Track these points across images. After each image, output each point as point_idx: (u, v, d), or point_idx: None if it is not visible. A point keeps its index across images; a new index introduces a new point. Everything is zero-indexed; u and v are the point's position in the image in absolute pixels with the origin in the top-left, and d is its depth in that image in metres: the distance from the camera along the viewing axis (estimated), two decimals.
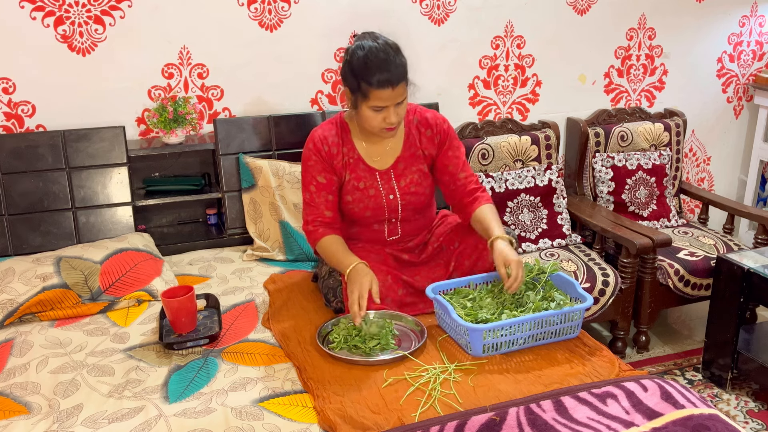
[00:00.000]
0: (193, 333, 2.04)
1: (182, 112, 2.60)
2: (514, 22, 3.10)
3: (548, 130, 3.14)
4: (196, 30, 2.67)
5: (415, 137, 2.21)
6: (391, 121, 2.04)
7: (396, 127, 2.09)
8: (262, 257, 2.63)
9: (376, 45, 2.02)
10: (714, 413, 1.62)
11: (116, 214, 2.59)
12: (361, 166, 2.18)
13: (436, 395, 1.71)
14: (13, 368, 1.92)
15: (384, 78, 1.97)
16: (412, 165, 2.21)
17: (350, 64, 2.04)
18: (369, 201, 2.18)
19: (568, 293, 2.05)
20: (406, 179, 2.20)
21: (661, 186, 3.17)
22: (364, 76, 1.99)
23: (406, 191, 2.20)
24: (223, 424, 1.64)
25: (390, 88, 1.98)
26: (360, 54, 2.01)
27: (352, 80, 2.03)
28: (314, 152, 2.15)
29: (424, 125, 2.22)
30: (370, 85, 1.98)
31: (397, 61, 2.00)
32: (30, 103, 2.56)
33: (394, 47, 2.04)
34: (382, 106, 2.02)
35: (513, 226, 2.90)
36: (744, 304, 2.51)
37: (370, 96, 2.00)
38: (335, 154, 2.15)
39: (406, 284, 2.19)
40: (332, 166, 2.16)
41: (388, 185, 2.19)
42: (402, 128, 2.21)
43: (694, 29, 3.43)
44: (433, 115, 2.23)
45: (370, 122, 2.06)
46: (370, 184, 2.19)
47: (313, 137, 2.17)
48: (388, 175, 2.20)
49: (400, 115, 2.06)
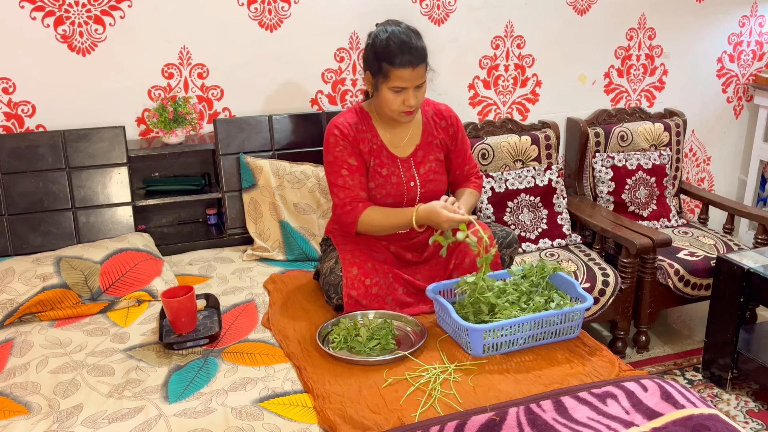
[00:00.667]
0: (193, 333, 2.04)
1: (182, 112, 2.60)
2: (514, 22, 3.10)
3: (548, 130, 3.14)
4: (196, 30, 2.67)
5: (432, 127, 2.28)
6: (410, 104, 2.10)
7: (414, 111, 2.15)
8: (262, 257, 2.63)
9: (399, 29, 2.10)
10: (714, 413, 1.62)
11: (116, 214, 2.59)
12: (384, 152, 2.22)
13: (436, 395, 1.71)
14: (13, 368, 1.92)
15: (405, 59, 2.04)
16: (430, 153, 2.27)
17: (373, 46, 2.12)
18: (391, 188, 2.22)
19: (568, 293, 2.05)
20: (425, 167, 2.26)
21: (661, 186, 3.17)
22: (386, 56, 2.06)
23: (426, 179, 2.25)
24: (223, 424, 1.64)
25: (411, 68, 2.05)
26: (383, 36, 2.10)
27: (374, 62, 2.10)
28: (341, 138, 2.18)
29: (438, 116, 2.30)
30: (392, 65, 2.05)
31: (418, 44, 2.09)
32: (30, 103, 2.56)
33: (415, 31, 2.13)
34: (402, 87, 2.08)
35: (513, 226, 2.90)
36: (744, 304, 2.51)
37: (391, 76, 2.07)
38: (361, 139, 2.21)
39: (406, 283, 2.19)
40: (360, 151, 2.20)
41: (409, 173, 2.24)
42: (420, 117, 2.28)
43: (694, 29, 3.43)
44: (446, 107, 2.34)
45: (389, 105, 2.12)
46: (392, 171, 2.22)
47: (336, 125, 2.20)
48: (408, 162, 2.25)
49: (418, 98, 2.13)
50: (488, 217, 2.88)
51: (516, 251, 2.32)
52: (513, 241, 2.29)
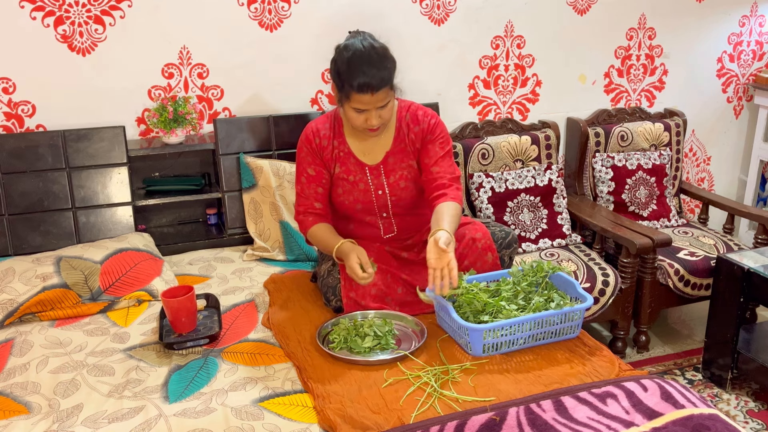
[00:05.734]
0: (193, 333, 2.04)
1: (182, 112, 2.60)
2: (514, 22, 3.10)
3: (548, 130, 3.14)
4: (196, 30, 2.67)
5: (405, 133, 2.22)
6: (372, 124, 2.06)
7: (378, 129, 2.11)
8: (262, 257, 2.63)
9: (362, 48, 2.01)
10: (714, 413, 1.62)
11: (116, 214, 2.59)
12: (351, 159, 2.21)
13: (436, 395, 1.71)
14: (13, 368, 1.92)
15: (364, 82, 1.97)
16: (402, 161, 2.22)
17: (336, 63, 2.06)
18: (359, 194, 2.21)
19: (568, 293, 2.05)
20: (395, 175, 2.21)
21: (661, 186, 3.17)
22: (346, 78, 2.00)
23: (396, 187, 2.22)
24: (223, 424, 1.64)
25: (370, 94, 1.99)
26: (345, 56, 2.02)
27: (337, 79, 2.06)
28: (305, 144, 2.20)
29: (413, 122, 2.21)
30: (351, 88, 2.00)
31: (380, 66, 2.00)
32: (30, 103, 2.56)
33: (380, 51, 2.03)
34: (363, 109, 2.04)
35: (513, 226, 2.90)
36: (744, 304, 2.51)
37: (352, 98, 2.02)
38: (325, 147, 2.19)
39: (406, 283, 2.19)
40: (322, 158, 2.20)
41: (377, 180, 2.21)
42: (393, 124, 2.22)
43: (694, 29, 3.43)
44: (424, 112, 2.22)
45: (353, 122, 2.09)
46: (360, 178, 2.21)
47: (306, 130, 2.23)
48: (378, 170, 2.21)
49: (383, 117, 2.07)
50: (488, 217, 2.88)
51: (515, 251, 2.32)
52: (512, 241, 2.29)
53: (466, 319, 1.93)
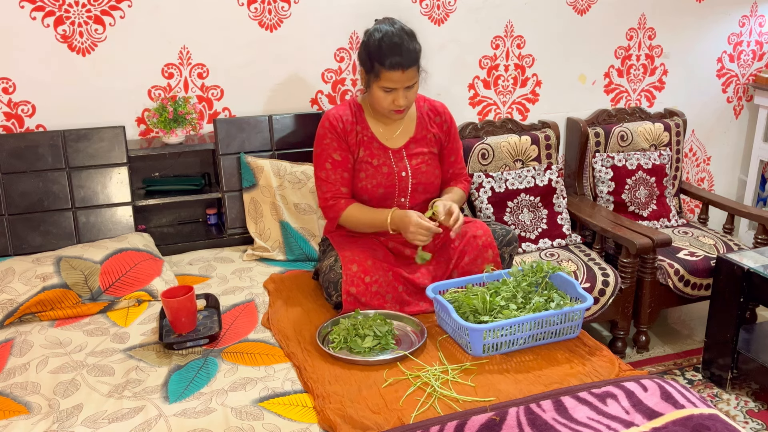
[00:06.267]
0: (193, 333, 2.04)
1: (182, 112, 2.60)
2: (514, 22, 3.10)
3: (548, 130, 3.14)
4: (196, 30, 2.67)
5: (427, 121, 2.32)
6: (400, 104, 2.15)
7: (404, 111, 2.19)
8: (262, 257, 2.63)
9: (392, 29, 2.13)
10: (714, 413, 1.62)
11: (116, 214, 2.59)
12: (375, 144, 2.26)
13: (436, 395, 1.71)
14: (13, 368, 1.92)
15: (396, 61, 2.08)
16: (423, 147, 2.31)
17: (367, 45, 2.16)
18: (382, 178, 2.25)
19: (568, 293, 2.05)
20: (417, 159, 2.30)
21: (661, 186, 3.17)
22: (377, 57, 2.10)
23: (418, 170, 2.29)
24: (223, 424, 1.64)
25: (401, 71, 2.09)
26: (376, 36, 2.13)
27: (367, 60, 2.15)
28: (330, 130, 2.23)
29: (433, 112, 2.35)
30: (382, 66, 2.09)
31: (410, 47, 2.11)
32: (30, 103, 2.56)
33: (409, 33, 2.15)
34: (392, 88, 2.12)
35: (513, 225, 2.90)
36: (744, 304, 2.51)
37: (382, 77, 2.11)
38: (350, 132, 2.24)
39: (406, 281, 2.19)
40: (347, 144, 2.24)
41: (400, 163, 2.27)
42: (414, 111, 2.32)
43: (694, 29, 3.43)
44: (441, 105, 2.39)
45: (380, 103, 2.16)
46: (383, 161, 2.26)
47: (328, 116, 2.26)
48: (400, 153, 2.28)
49: (409, 98, 2.16)
50: (488, 217, 2.88)
51: (515, 250, 2.32)
52: (513, 239, 2.30)
53: (466, 319, 1.93)
